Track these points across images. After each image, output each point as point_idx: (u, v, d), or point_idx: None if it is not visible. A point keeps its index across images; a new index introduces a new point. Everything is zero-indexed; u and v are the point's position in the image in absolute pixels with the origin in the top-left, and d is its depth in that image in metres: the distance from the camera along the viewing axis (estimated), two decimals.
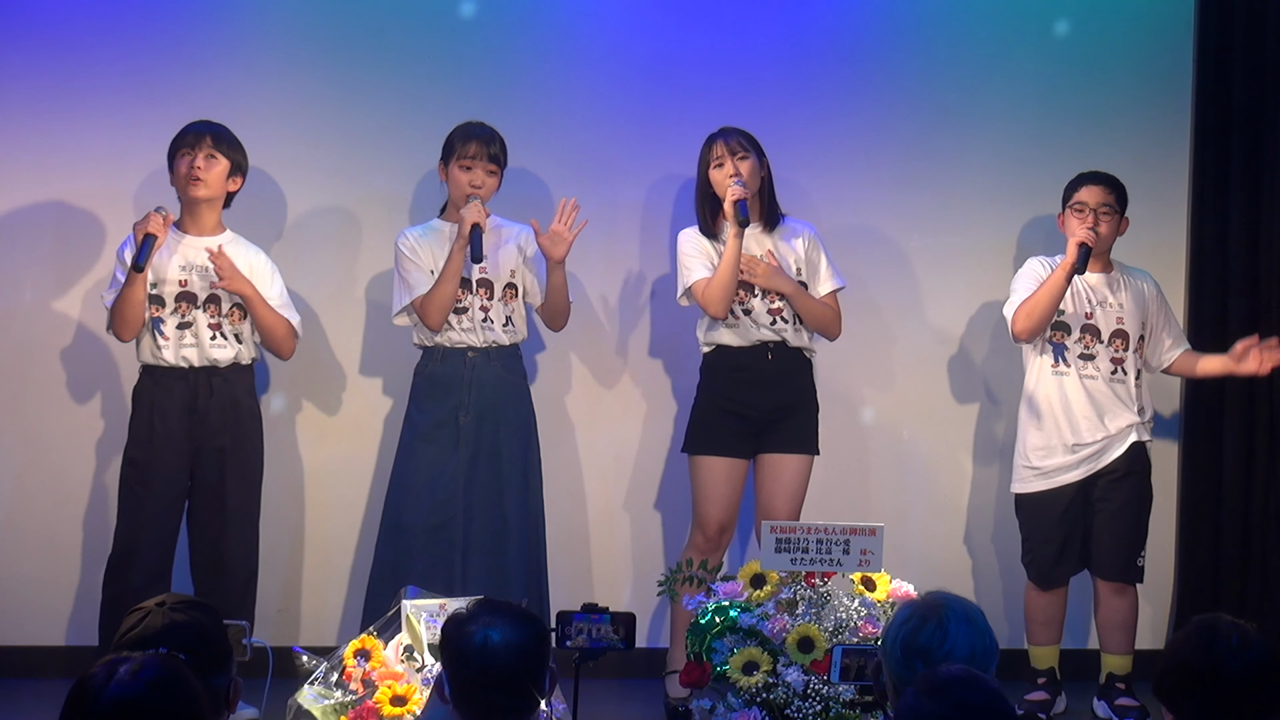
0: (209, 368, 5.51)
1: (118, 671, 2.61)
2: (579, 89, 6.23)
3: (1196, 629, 3.19)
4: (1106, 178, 5.82)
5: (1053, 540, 5.78)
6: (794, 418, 5.71)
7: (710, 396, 5.72)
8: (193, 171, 5.48)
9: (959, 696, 2.76)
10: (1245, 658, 3.10)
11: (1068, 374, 5.78)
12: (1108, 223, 5.76)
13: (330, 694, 4.44)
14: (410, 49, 6.17)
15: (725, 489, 5.68)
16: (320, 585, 6.12)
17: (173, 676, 2.65)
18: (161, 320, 5.49)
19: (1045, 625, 5.85)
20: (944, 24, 6.37)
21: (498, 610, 3.25)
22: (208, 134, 5.52)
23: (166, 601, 3.09)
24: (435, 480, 5.58)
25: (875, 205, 6.33)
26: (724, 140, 5.67)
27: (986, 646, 3.10)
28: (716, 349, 5.71)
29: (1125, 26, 6.40)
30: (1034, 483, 5.81)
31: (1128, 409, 5.77)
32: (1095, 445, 5.76)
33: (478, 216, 5.50)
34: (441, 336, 5.63)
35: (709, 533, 5.68)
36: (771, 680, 4.60)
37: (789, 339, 5.70)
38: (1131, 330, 5.80)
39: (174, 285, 5.51)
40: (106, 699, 2.59)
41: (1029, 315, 5.70)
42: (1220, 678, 3.08)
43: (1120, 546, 5.75)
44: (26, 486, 6.03)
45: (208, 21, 6.08)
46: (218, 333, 5.52)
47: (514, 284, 5.70)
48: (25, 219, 6.04)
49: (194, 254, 5.54)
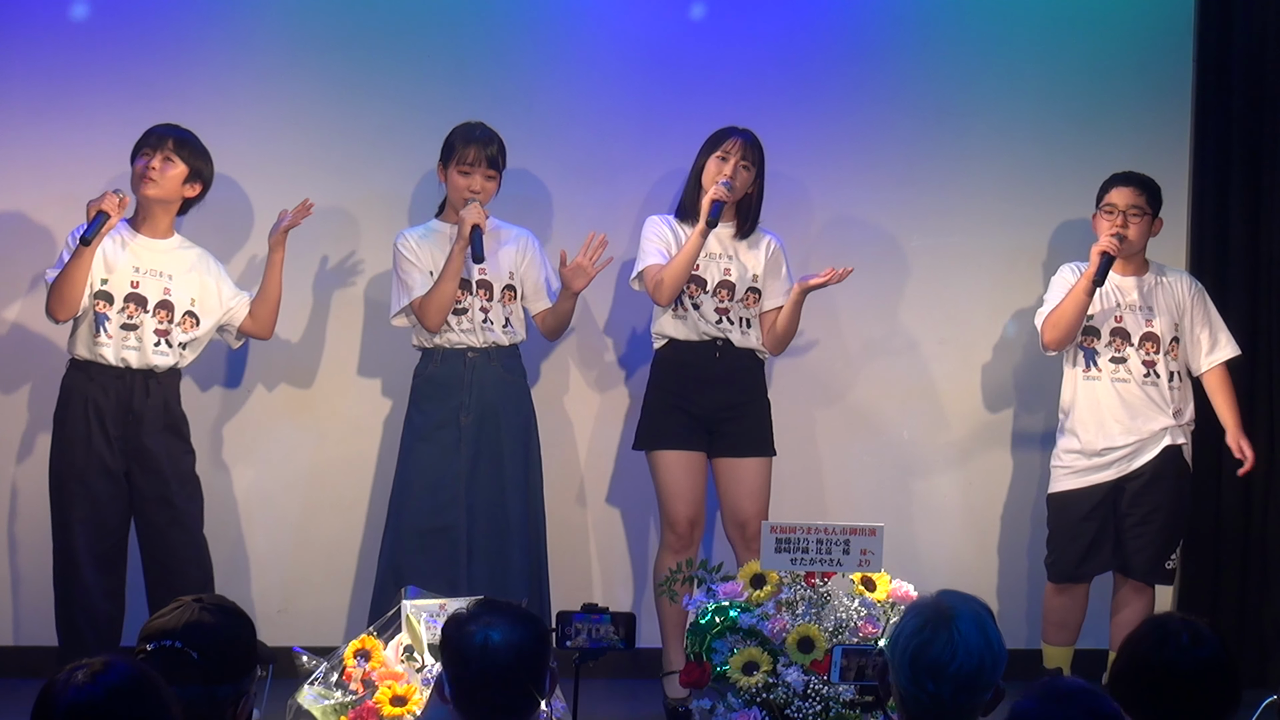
0: (146, 371, 5.43)
1: (75, 676, 2.59)
2: (578, 88, 6.22)
3: (1148, 628, 3.19)
4: (1138, 179, 5.79)
5: (1081, 539, 5.76)
6: (745, 419, 5.73)
7: (660, 393, 5.73)
8: (147, 171, 5.43)
9: (1090, 706, 2.79)
10: (1196, 655, 3.09)
11: (1099, 379, 5.77)
12: (1137, 225, 5.73)
13: (330, 694, 4.44)
14: (409, 48, 6.16)
15: (687, 482, 5.68)
16: (320, 585, 6.11)
17: (137, 683, 2.61)
18: (107, 317, 5.40)
19: (1061, 626, 5.84)
20: (944, 23, 6.36)
21: (498, 610, 3.25)
22: (170, 137, 5.47)
23: (204, 599, 3.07)
24: (437, 482, 5.58)
25: (875, 204, 6.33)
26: (741, 140, 5.67)
27: (996, 656, 3.06)
28: (667, 344, 5.73)
29: (1125, 26, 6.40)
30: (1066, 481, 5.80)
31: (1162, 412, 5.75)
32: (1127, 448, 5.74)
33: (477, 217, 5.50)
34: (441, 338, 5.63)
35: (680, 530, 5.68)
36: (771, 680, 4.60)
37: (734, 339, 5.71)
38: (1163, 333, 5.78)
39: (124, 285, 5.43)
40: (64, 704, 2.57)
41: (1055, 326, 5.71)
42: (1173, 675, 3.08)
43: (1150, 548, 5.74)
44: None
45: (207, 21, 6.08)
46: (163, 339, 5.44)
47: (513, 285, 5.70)
48: (26, 219, 6.04)
49: (149, 256, 5.48)
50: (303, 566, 6.11)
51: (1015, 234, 6.34)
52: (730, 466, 5.73)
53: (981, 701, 3.07)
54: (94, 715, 2.57)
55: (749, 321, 5.75)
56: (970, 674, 3.03)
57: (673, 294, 5.64)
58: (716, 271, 5.73)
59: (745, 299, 5.75)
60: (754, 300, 5.77)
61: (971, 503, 6.36)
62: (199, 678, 2.90)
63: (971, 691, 3.04)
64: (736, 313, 5.73)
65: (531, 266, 5.74)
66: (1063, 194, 6.17)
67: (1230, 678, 3.11)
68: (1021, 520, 6.32)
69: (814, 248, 6.25)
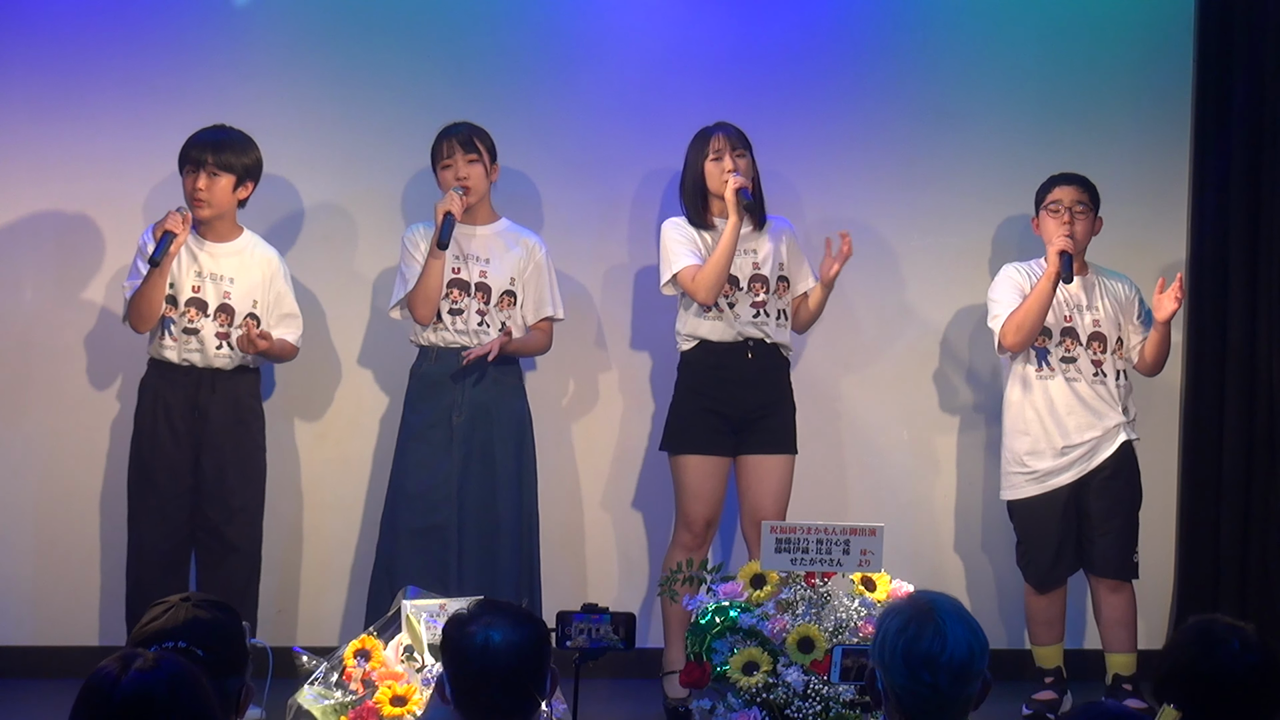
0: (212, 371, 5.55)
1: (133, 665, 2.59)
2: (575, 87, 6.22)
3: (1195, 633, 3.20)
4: (1078, 177, 5.83)
5: (1050, 544, 5.79)
6: (773, 417, 5.72)
7: (689, 395, 5.72)
8: (195, 194, 5.51)
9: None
10: (1246, 661, 3.12)
11: (1052, 377, 5.78)
12: (1083, 221, 5.76)
13: (330, 694, 4.43)
14: (407, 48, 6.16)
15: (710, 486, 5.69)
16: (320, 585, 6.12)
17: (188, 673, 2.63)
18: (172, 320, 5.52)
19: (1047, 625, 5.86)
20: (942, 23, 6.37)
21: (499, 611, 3.25)
22: (209, 150, 5.52)
23: (191, 598, 3.08)
24: (429, 481, 5.58)
25: (873, 204, 6.33)
26: (724, 134, 5.67)
27: (982, 644, 3.11)
28: (698, 345, 5.71)
29: (1125, 26, 6.40)
30: (1027, 488, 5.81)
31: (1112, 409, 5.78)
32: (1085, 446, 5.76)
33: (450, 205, 5.51)
34: (436, 336, 5.63)
35: (695, 530, 5.69)
36: (771, 680, 4.60)
37: (770, 334, 5.71)
38: (1109, 333, 5.82)
39: (186, 290, 5.54)
40: (122, 692, 2.57)
41: (1019, 329, 5.71)
42: (1223, 682, 3.11)
43: (1116, 545, 5.76)
44: (36, 488, 6.03)
45: (208, 21, 6.08)
46: (224, 342, 5.55)
47: (513, 291, 5.69)
48: (26, 219, 6.04)
49: (211, 261, 5.58)
50: (301, 566, 6.11)
51: (1014, 234, 6.33)
52: (755, 464, 5.72)
53: (972, 692, 3.09)
54: (153, 704, 2.57)
55: (784, 313, 5.76)
56: (963, 662, 3.06)
57: (717, 291, 5.61)
58: (747, 267, 5.72)
59: (778, 289, 5.75)
60: (785, 289, 5.77)
61: (971, 503, 6.36)
62: (208, 674, 2.89)
63: (964, 681, 3.07)
64: (773, 305, 5.72)
65: (534, 277, 5.73)
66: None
67: (1278, 683, 3.15)
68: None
69: (811, 248, 6.25)
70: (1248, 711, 3.11)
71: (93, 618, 6.00)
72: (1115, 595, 5.79)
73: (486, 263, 5.66)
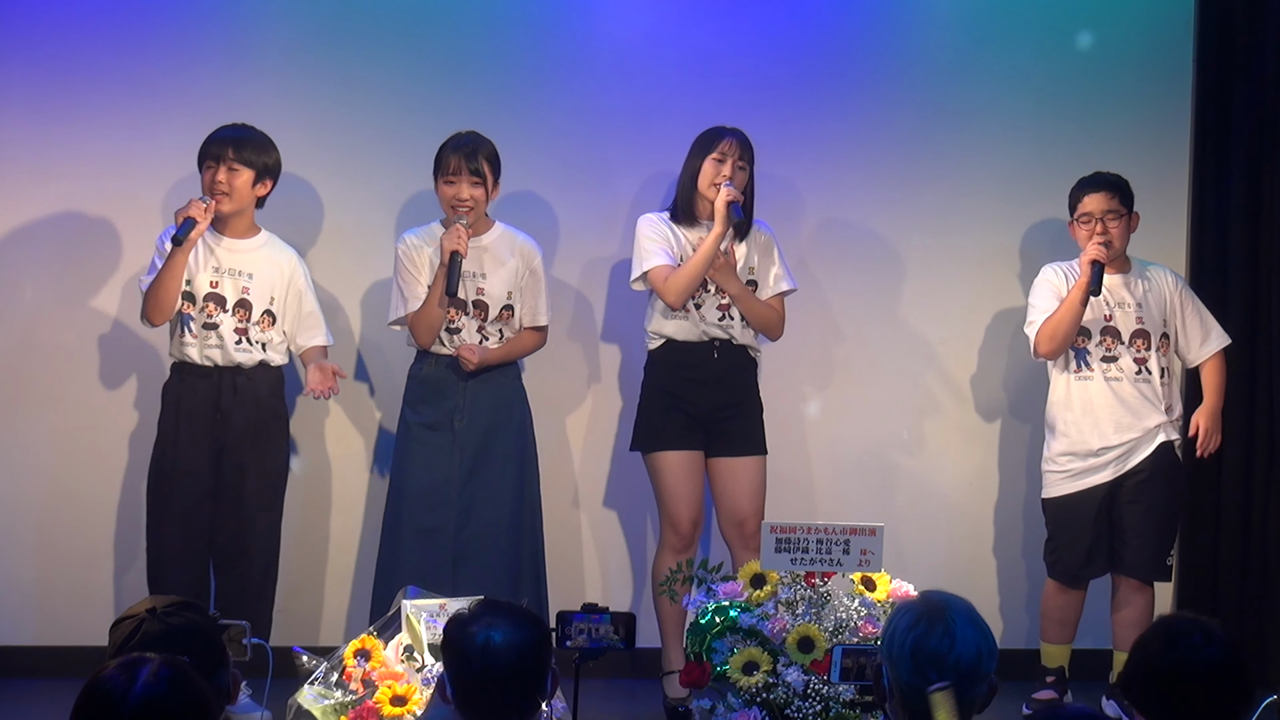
0: (233, 368, 5.55)
1: (140, 673, 2.60)
2: (575, 89, 6.22)
3: (1158, 629, 3.18)
4: (1107, 182, 5.79)
5: (1082, 542, 5.76)
6: (740, 419, 5.72)
7: (656, 393, 5.72)
8: (216, 186, 5.52)
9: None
10: (1208, 654, 3.08)
11: (1092, 378, 5.76)
12: (1116, 227, 5.73)
13: (330, 694, 4.44)
14: (407, 49, 6.16)
15: (688, 483, 5.68)
16: (320, 585, 6.12)
17: (186, 676, 2.65)
18: (191, 317, 5.54)
19: (1061, 624, 5.84)
20: (943, 23, 6.36)
21: (500, 610, 3.26)
22: (230, 145, 5.54)
23: (156, 607, 3.08)
24: (429, 483, 5.58)
25: (873, 204, 6.33)
26: (735, 140, 5.66)
27: (991, 648, 3.11)
28: (664, 344, 5.71)
29: (1125, 26, 6.40)
30: (1062, 485, 5.79)
31: (1155, 409, 5.75)
32: (1123, 447, 5.74)
33: (457, 243, 5.47)
34: (435, 345, 5.63)
35: (683, 530, 5.68)
36: (771, 680, 4.60)
37: (735, 336, 5.70)
38: (1152, 329, 5.78)
39: (204, 285, 5.54)
40: (132, 701, 2.58)
41: (1052, 337, 5.70)
42: (1184, 675, 3.06)
43: (1149, 546, 5.74)
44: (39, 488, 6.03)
45: (206, 22, 6.08)
46: (243, 337, 5.56)
47: (511, 305, 5.68)
48: (27, 219, 6.04)
49: (229, 257, 5.59)
50: (302, 566, 6.11)
51: (1014, 234, 6.34)
52: (726, 466, 5.73)
53: (978, 695, 3.09)
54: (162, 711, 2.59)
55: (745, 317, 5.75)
56: (970, 663, 3.06)
57: (686, 297, 5.62)
58: None
59: None
60: (752, 291, 5.76)
61: (969, 503, 6.36)
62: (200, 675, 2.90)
63: (971, 681, 3.07)
64: (736, 309, 5.71)
65: (531, 285, 5.71)
66: (1062, 194, 6.14)
67: (1242, 676, 3.10)
68: (1015, 521, 6.32)
69: (810, 248, 6.26)
70: (1212, 706, 3.06)
71: (96, 618, 5.98)
72: (1139, 595, 5.77)
73: (483, 278, 5.64)
